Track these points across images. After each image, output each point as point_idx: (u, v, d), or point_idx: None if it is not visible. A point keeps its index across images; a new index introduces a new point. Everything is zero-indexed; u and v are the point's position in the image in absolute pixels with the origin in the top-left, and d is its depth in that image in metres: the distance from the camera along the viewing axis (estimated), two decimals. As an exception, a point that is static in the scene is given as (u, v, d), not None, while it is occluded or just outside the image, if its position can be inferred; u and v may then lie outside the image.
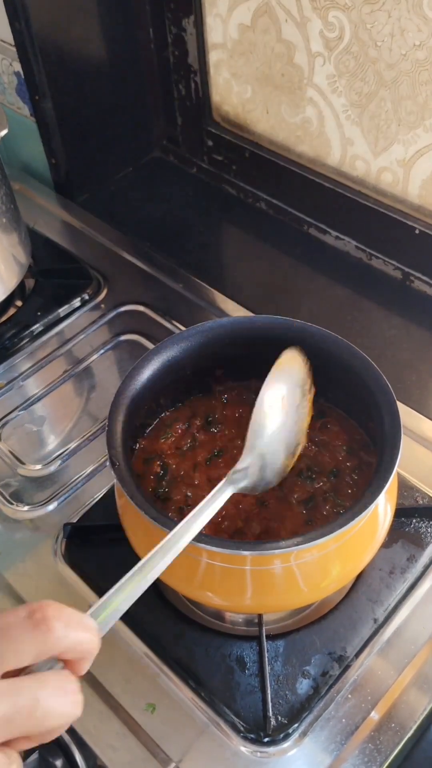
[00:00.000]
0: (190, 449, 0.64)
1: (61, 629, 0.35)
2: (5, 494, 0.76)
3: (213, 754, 0.58)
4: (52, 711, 0.35)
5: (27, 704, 0.34)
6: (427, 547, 0.68)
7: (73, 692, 0.36)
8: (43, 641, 0.35)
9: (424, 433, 0.77)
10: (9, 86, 1.09)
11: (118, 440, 0.56)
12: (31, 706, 0.34)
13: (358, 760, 0.57)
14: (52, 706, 0.35)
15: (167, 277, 0.97)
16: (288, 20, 0.87)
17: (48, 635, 0.35)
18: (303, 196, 1.00)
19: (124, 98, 1.09)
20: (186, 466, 0.63)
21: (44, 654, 0.35)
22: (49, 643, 0.35)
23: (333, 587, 0.58)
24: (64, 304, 0.94)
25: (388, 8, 0.77)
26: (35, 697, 0.34)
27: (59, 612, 0.36)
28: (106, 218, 1.07)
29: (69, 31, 0.98)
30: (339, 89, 0.88)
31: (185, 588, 0.59)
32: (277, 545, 0.49)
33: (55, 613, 0.35)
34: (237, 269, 1.03)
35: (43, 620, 0.35)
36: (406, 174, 0.88)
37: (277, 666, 0.62)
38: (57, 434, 0.82)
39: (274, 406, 0.55)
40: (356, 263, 0.98)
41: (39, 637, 0.35)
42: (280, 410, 0.55)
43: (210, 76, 1.03)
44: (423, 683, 0.61)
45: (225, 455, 0.63)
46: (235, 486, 0.52)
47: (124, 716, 0.61)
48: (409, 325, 0.90)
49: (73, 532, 0.71)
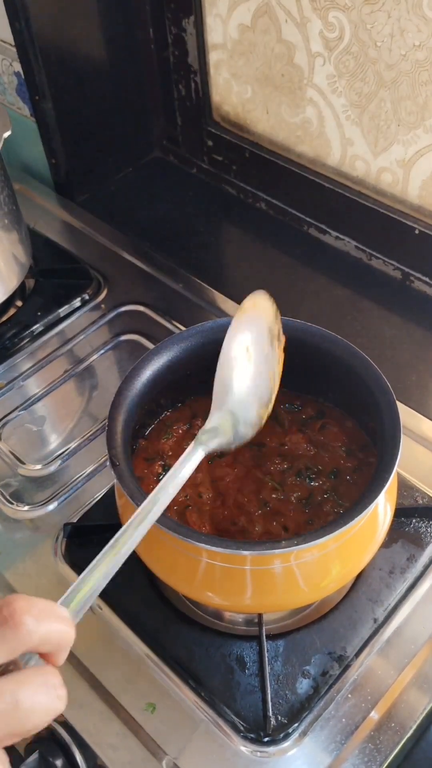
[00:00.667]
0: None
1: (31, 623, 0.34)
2: (5, 494, 0.76)
3: (213, 753, 0.58)
4: (35, 709, 0.34)
5: (7, 707, 0.33)
6: (427, 547, 0.68)
7: (55, 687, 0.35)
8: (14, 637, 0.34)
9: (424, 433, 0.77)
10: (9, 86, 1.09)
11: (118, 440, 0.56)
12: (11, 708, 0.34)
13: (358, 759, 0.57)
14: (33, 704, 0.34)
15: (167, 277, 0.97)
16: (288, 20, 0.87)
17: (18, 630, 0.34)
18: (303, 196, 1.00)
19: (124, 98, 1.09)
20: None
21: (17, 650, 0.34)
22: (20, 639, 0.34)
23: (333, 587, 0.58)
24: (64, 304, 0.94)
25: (388, 8, 0.77)
26: (15, 699, 0.34)
27: (28, 605, 0.35)
28: (106, 218, 1.07)
29: (69, 31, 0.98)
30: (339, 89, 0.88)
31: (185, 588, 0.59)
32: (277, 545, 0.49)
33: (23, 606, 0.34)
34: (237, 269, 1.03)
35: (11, 615, 0.34)
36: (405, 174, 0.88)
37: (277, 666, 0.62)
38: (57, 434, 0.82)
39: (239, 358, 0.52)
40: (356, 263, 0.98)
41: (8, 634, 0.34)
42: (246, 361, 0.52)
43: (210, 76, 1.03)
44: (423, 683, 0.61)
45: (228, 456, 0.63)
46: (206, 447, 0.50)
47: (124, 716, 0.61)
48: (409, 325, 0.90)
49: (73, 532, 0.71)
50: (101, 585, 0.41)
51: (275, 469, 0.62)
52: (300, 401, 0.67)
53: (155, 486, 0.61)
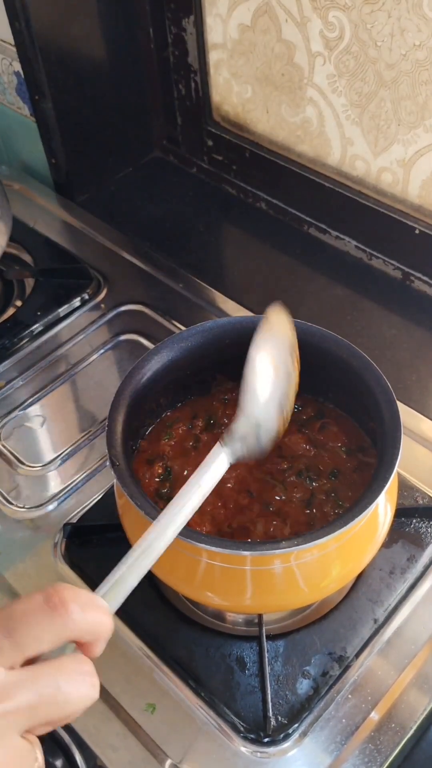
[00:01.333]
0: (194, 450, 0.64)
1: (78, 612, 0.35)
2: (5, 494, 0.76)
3: (213, 754, 0.58)
4: (72, 696, 0.35)
5: (49, 692, 0.34)
6: (427, 547, 0.68)
7: (89, 674, 0.36)
8: (62, 625, 0.35)
9: (424, 433, 0.77)
10: (9, 86, 1.09)
11: (118, 440, 0.56)
12: (53, 693, 0.34)
13: (358, 760, 0.57)
14: (71, 692, 0.35)
15: (167, 277, 0.97)
16: (288, 20, 0.87)
17: (66, 619, 0.35)
18: (303, 196, 1.00)
19: (124, 98, 1.09)
20: (189, 467, 0.63)
21: (63, 638, 0.35)
22: (68, 628, 0.35)
23: (333, 587, 0.58)
24: (64, 304, 0.94)
25: (388, 8, 0.77)
26: (56, 684, 0.34)
27: (75, 595, 0.35)
28: (106, 218, 1.07)
29: (69, 31, 0.98)
30: (339, 89, 0.88)
31: (185, 588, 0.59)
32: (277, 545, 0.49)
33: (71, 595, 0.35)
34: (237, 269, 1.03)
35: (61, 604, 0.35)
36: (406, 174, 0.88)
37: (277, 666, 0.62)
38: (57, 434, 0.82)
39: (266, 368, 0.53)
40: (356, 263, 0.98)
41: (57, 622, 0.35)
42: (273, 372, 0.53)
43: (210, 76, 1.03)
44: (423, 683, 0.61)
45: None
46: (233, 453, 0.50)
47: (124, 716, 0.60)
48: (409, 325, 0.90)
49: (73, 532, 0.71)
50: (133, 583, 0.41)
51: (275, 469, 0.62)
52: (300, 401, 0.66)
53: (155, 486, 0.62)
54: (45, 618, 0.34)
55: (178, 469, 0.63)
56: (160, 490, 0.61)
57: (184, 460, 0.63)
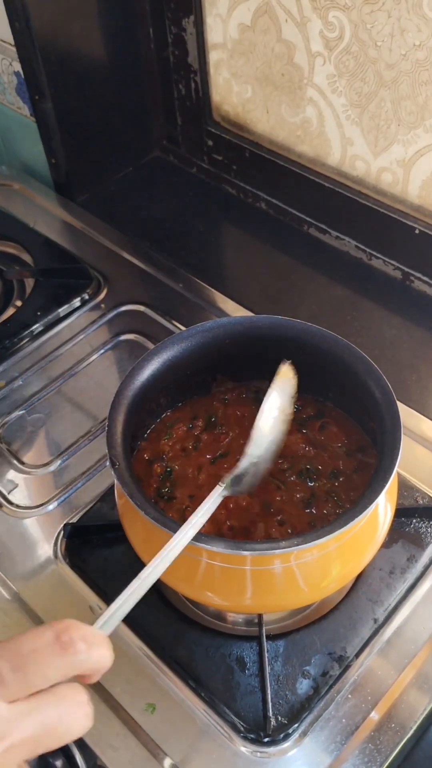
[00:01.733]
0: (195, 450, 0.64)
1: (85, 651, 0.36)
2: (5, 494, 0.76)
3: (213, 754, 0.58)
4: (72, 727, 0.35)
5: (51, 724, 0.35)
6: (427, 547, 0.68)
7: (86, 704, 0.36)
8: (70, 664, 0.35)
9: (424, 433, 0.77)
10: (9, 86, 1.09)
11: (118, 440, 0.56)
12: (54, 725, 0.35)
13: (358, 760, 0.57)
14: (71, 722, 0.35)
15: (167, 277, 0.97)
16: (288, 20, 0.87)
17: (74, 658, 0.35)
18: (303, 196, 1.00)
19: (124, 98, 1.09)
20: (190, 467, 0.63)
21: (69, 675, 0.36)
22: (75, 667, 0.36)
23: (333, 587, 0.58)
24: (64, 304, 0.94)
25: (388, 8, 0.77)
26: (58, 716, 0.35)
27: (83, 633, 0.36)
28: (106, 218, 1.07)
29: (69, 31, 0.98)
30: (339, 89, 0.88)
31: (185, 588, 0.59)
32: (277, 545, 0.49)
33: (79, 634, 0.36)
34: (237, 269, 1.03)
35: (71, 643, 0.35)
36: (405, 174, 0.88)
37: (277, 666, 0.62)
38: (57, 434, 0.82)
39: (274, 417, 0.57)
40: (356, 263, 0.98)
41: (67, 660, 0.35)
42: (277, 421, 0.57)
43: (210, 76, 1.03)
44: (423, 683, 0.61)
45: (230, 456, 0.63)
46: (233, 491, 0.54)
47: (124, 716, 0.61)
48: (409, 325, 0.90)
49: (73, 532, 0.71)
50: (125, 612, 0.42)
51: (276, 469, 0.62)
52: (300, 401, 0.67)
53: (155, 486, 0.62)
54: (55, 658, 0.35)
55: (178, 469, 0.63)
56: (160, 490, 0.61)
57: (184, 460, 0.64)
